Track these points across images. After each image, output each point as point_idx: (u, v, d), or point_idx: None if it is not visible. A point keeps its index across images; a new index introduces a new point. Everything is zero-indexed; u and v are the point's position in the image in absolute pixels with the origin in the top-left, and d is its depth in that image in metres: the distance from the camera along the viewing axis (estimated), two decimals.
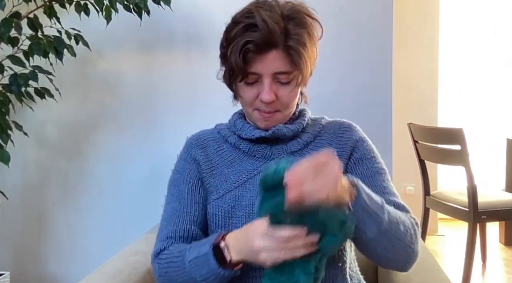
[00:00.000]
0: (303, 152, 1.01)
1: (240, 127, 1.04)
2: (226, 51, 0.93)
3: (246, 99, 0.97)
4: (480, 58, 4.13)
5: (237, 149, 1.04)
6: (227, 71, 0.96)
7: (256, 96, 0.95)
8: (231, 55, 0.91)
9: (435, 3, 3.70)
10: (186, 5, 2.01)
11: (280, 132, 0.99)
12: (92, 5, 1.76)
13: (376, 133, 2.04)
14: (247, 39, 0.89)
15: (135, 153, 2.10)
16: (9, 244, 2.17)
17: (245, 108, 1.01)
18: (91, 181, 2.13)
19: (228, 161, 1.03)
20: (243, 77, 0.93)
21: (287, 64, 0.92)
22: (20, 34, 1.71)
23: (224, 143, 1.06)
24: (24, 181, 2.15)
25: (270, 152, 1.01)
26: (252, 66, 0.91)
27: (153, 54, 2.09)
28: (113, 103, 2.10)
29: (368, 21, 2.01)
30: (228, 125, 1.08)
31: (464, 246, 2.54)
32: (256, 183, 0.98)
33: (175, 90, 2.08)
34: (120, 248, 1.48)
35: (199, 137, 1.08)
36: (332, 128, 1.06)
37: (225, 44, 0.95)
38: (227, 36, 0.94)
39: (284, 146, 1.02)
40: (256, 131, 1.01)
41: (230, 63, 0.92)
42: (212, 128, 1.12)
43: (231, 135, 1.05)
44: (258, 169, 1.00)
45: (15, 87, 1.72)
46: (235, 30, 0.91)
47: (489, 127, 4.11)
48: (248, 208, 0.96)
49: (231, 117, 1.09)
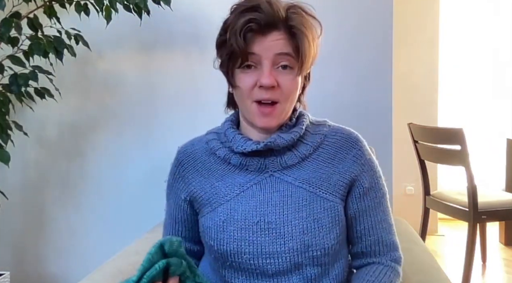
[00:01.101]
0: (301, 166, 0.96)
1: (231, 138, 0.97)
2: (225, 37, 0.90)
3: (244, 87, 0.91)
4: (480, 58, 4.13)
5: (227, 163, 0.98)
6: (225, 57, 0.91)
7: (255, 83, 0.90)
8: (231, 36, 0.88)
9: (435, 3, 3.70)
10: (186, 5, 2.01)
11: (274, 144, 0.93)
12: (92, 5, 1.76)
13: (376, 133, 2.06)
14: (250, 17, 0.87)
15: (135, 153, 2.10)
16: (9, 244, 2.17)
17: (242, 103, 0.94)
18: (91, 181, 2.13)
19: (218, 174, 0.98)
20: (243, 59, 0.89)
21: (289, 46, 0.89)
22: (20, 34, 1.71)
23: (212, 155, 1.00)
24: (24, 181, 2.15)
25: (264, 165, 0.96)
26: (252, 46, 0.88)
27: (153, 54, 2.09)
28: (113, 103, 2.10)
29: (368, 21, 2.01)
30: (219, 133, 1.02)
31: (464, 246, 2.54)
32: (249, 196, 0.94)
33: (175, 90, 2.08)
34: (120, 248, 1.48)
35: (186, 152, 1.03)
36: (336, 140, 0.99)
37: (224, 31, 0.91)
38: (227, 22, 0.91)
39: (279, 158, 0.95)
40: (248, 143, 0.94)
41: (229, 45, 0.88)
42: (202, 136, 1.07)
43: (221, 148, 0.99)
44: (251, 182, 0.95)
45: (15, 87, 1.72)
46: (237, 12, 0.89)
47: (489, 127, 4.11)
48: (240, 223, 0.92)
49: (223, 125, 1.03)
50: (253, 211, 0.93)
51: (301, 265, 0.90)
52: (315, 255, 0.91)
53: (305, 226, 0.91)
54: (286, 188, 0.94)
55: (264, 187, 0.95)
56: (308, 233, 0.90)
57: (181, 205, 1.02)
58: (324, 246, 0.91)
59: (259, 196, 0.94)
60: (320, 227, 0.91)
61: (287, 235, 0.90)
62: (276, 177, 0.95)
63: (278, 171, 0.95)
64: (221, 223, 0.93)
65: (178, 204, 1.03)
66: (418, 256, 1.32)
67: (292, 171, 0.95)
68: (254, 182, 0.95)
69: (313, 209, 0.92)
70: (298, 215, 0.92)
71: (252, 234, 0.91)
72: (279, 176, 0.95)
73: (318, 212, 0.92)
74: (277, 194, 0.94)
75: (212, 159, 1.00)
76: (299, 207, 0.92)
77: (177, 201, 1.02)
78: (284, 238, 0.90)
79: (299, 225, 0.91)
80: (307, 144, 0.97)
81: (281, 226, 0.91)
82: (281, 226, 0.91)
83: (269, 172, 0.96)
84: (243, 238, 0.91)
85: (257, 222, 0.91)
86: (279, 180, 0.95)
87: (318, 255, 0.91)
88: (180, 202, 1.02)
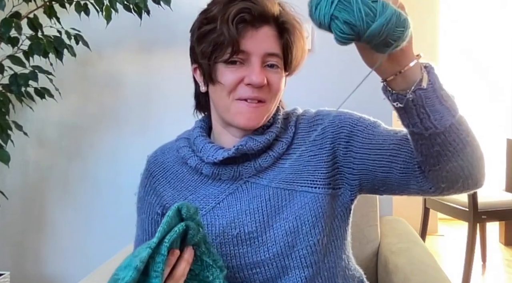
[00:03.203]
0: (276, 165, 0.89)
1: (200, 147, 0.90)
2: (209, 27, 0.82)
3: (228, 84, 0.83)
4: (480, 58, 4.13)
5: (198, 173, 0.92)
6: (210, 48, 0.82)
7: (239, 80, 0.83)
8: (222, 25, 0.80)
9: (435, 3, 3.70)
10: (186, 5, 2.01)
11: (247, 148, 0.86)
12: (92, 5, 1.76)
13: None
14: (243, 7, 0.80)
15: (135, 153, 2.10)
16: (9, 244, 2.17)
17: (221, 101, 0.86)
18: (91, 181, 2.13)
19: (191, 186, 0.92)
20: (235, 50, 0.81)
21: (278, 46, 0.85)
22: (20, 34, 1.71)
23: (184, 165, 0.94)
24: (24, 181, 2.15)
25: (238, 172, 0.89)
26: (242, 40, 0.81)
27: (153, 54, 2.09)
28: (113, 103, 2.10)
29: None
30: (189, 139, 0.95)
31: (464, 246, 2.54)
32: (225, 207, 0.88)
33: (175, 90, 2.08)
34: (120, 248, 1.48)
35: (157, 162, 0.97)
36: (303, 127, 0.93)
37: (207, 21, 0.84)
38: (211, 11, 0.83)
39: (253, 163, 0.89)
40: (219, 152, 0.87)
41: (218, 35, 0.81)
42: (172, 142, 1.00)
43: (192, 157, 0.92)
44: (226, 192, 0.89)
45: (15, 87, 1.72)
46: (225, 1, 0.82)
47: (489, 127, 4.11)
48: (219, 237, 0.86)
49: (192, 131, 0.96)
50: (231, 223, 0.87)
51: (288, 268, 0.85)
52: (301, 255, 0.85)
53: (287, 227, 0.85)
54: (263, 192, 0.88)
55: (240, 196, 0.89)
56: (291, 233, 0.85)
57: (156, 220, 0.94)
58: (309, 243, 0.85)
59: (236, 206, 0.88)
60: (302, 223, 0.85)
61: (270, 241, 0.86)
62: (251, 183, 0.89)
63: (252, 176, 0.89)
64: None
65: (153, 219, 0.95)
66: (418, 256, 1.33)
67: (267, 173, 0.89)
68: (229, 192, 0.89)
69: (293, 207, 0.86)
70: (278, 217, 0.86)
71: (233, 247, 0.86)
72: (254, 181, 0.89)
73: (298, 209, 0.86)
74: (254, 201, 0.88)
75: (184, 169, 0.93)
76: (279, 209, 0.87)
77: (151, 216, 0.95)
78: (267, 244, 0.86)
79: (281, 227, 0.86)
80: (281, 141, 0.91)
81: (263, 233, 0.86)
82: (263, 233, 0.86)
83: (244, 179, 0.89)
84: (224, 253, 0.86)
85: (237, 234, 0.86)
86: (254, 186, 0.89)
87: (304, 254, 0.85)
88: (155, 217, 0.94)
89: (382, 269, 1.41)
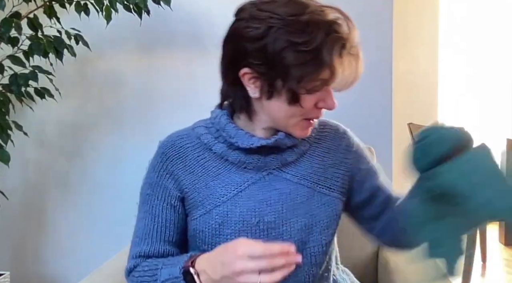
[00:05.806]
0: (299, 162, 0.93)
1: (233, 134, 0.90)
2: (307, 56, 0.78)
3: (307, 108, 0.84)
4: (480, 58, 4.13)
5: (223, 159, 0.91)
6: (303, 73, 0.79)
7: (315, 104, 0.84)
8: (323, 49, 0.78)
9: (435, 3, 3.70)
10: (186, 5, 2.01)
11: (283, 141, 0.89)
12: (92, 5, 1.76)
13: (376, 133, 2.05)
14: (343, 36, 0.80)
15: (135, 153, 2.10)
16: (9, 244, 2.17)
17: (283, 116, 0.86)
18: (91, 181, 2.13)
19: (213, 172, 0.91)
20: (331, 79, 0.80)
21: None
22: (20, 34, 1.71)
23: (207, 151, 0.92)
24: (24, 181, 2.15)
25: (263, 163, 0.91)
26: (339, 70, 0.81)
27: (153, 54, 2.09)
28: (113, 103, 2.10)
29: (368, 21, 2.01)
30: (211, 127, 0.94)
31: None
32: (247, 196, 0.89)
33: (175, 90, 2.08)
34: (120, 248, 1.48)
35: (174, 145, 0.94)
36: (327, 133, 0.98)
37: (305, 46, 0.78)
38: (310, 33, 0.78)
39: (279, 156, 0.91)
40: (254, 139, 0.88)
41: (319, 59, 0.78)
42: (188, 129, 0.98)
43: (217, 143, 0.92)
44: (249, 181, 0.90)
45: (15, 87, 1.72)
46: (323, 22, 0.79)
47: (489, 127, 4.11)
48: (239, 225, 0.87)
49: (215, 118, 0.94)
50: (252, 212, 0.89)
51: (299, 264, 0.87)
52: (312, 253, 0.90)
53: (302, 223, 0.89)
54: (285, 185, 0.91)
55: (262, 186, 0.91)
56: (306, 230, 0.89)
57: (173, 205, 0.92)
58: (321, 242, 0.90)
59: (258, 196, 0.90)
60: (317, 222, 0.90)
61: (286, 234, 0.89)
62: (274, 175, 0.92)
63: (276, 169, 0.92)
64: (217, 226, 0.88)
65: (169, 204, 0.92)
66: None
67: (291, 168, 0.92)
68: (252, 181, 0.91)
69: (310, 205, 0.91)
70: (296, 212, 0.90)
71: (251, 236, 0.87)
72: (277, 174, 0.92)
73: (315, 208, 0.91)
74: (275, 192, 0.90)
75: (206, 155, 0.92)
76: (297, 204, 0.90)
77: (167, 201, 0.92)
78: (283, 237, 0.89)
79: (297, 222, 0.89)
80: (305, 140, 0.95)
81: (280, 225, 0.89)
82: (280, 225, 0.89)
83: (268, 170, 0.91)
84: None
85: (257, 223, 0.88)
86: (277, 178, 0.92)
87: (315, 252, 0.90)
88: (172, 201, 0.92)
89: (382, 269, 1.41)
